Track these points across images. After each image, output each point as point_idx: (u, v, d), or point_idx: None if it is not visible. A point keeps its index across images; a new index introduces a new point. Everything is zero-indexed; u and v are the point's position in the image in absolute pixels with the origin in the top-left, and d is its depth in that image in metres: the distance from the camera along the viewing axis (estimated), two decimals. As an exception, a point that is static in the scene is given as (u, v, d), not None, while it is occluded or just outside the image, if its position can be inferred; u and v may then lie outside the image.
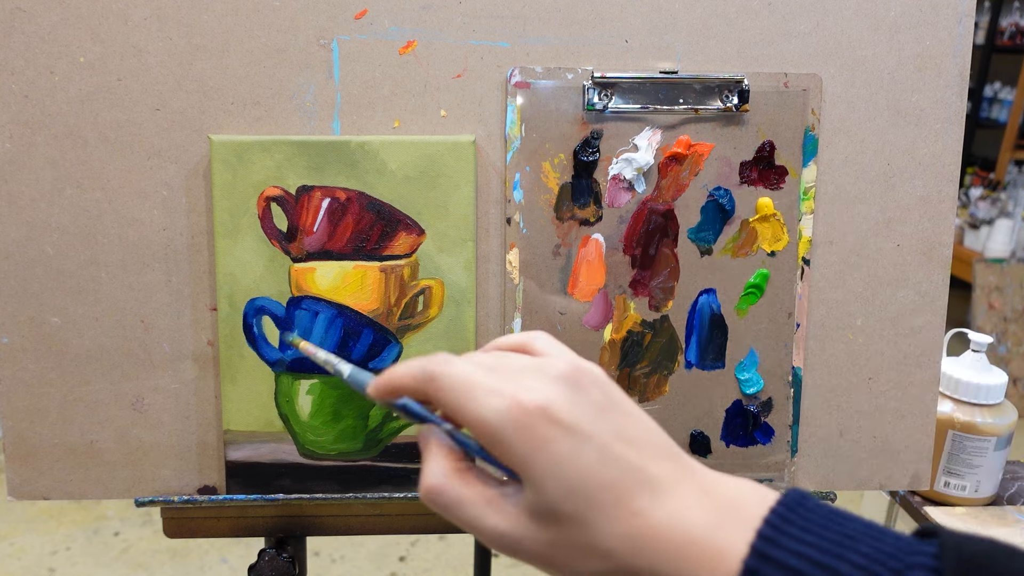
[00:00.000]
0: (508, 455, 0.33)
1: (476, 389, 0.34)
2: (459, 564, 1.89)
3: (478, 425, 0.34)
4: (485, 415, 0.33)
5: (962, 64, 0.60)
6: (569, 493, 0.33)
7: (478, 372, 0.35)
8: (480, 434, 0.34)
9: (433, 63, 0.57)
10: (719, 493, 0.33)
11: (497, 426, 0.33)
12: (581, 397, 0.34)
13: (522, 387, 0.34)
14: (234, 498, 0.61)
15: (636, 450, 0.34)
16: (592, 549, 0.33)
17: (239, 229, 0.58)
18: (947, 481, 0.77)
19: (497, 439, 0.33)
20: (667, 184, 0.60)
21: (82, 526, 1.99)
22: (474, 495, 0.35)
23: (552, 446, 0.33)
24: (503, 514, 0.34)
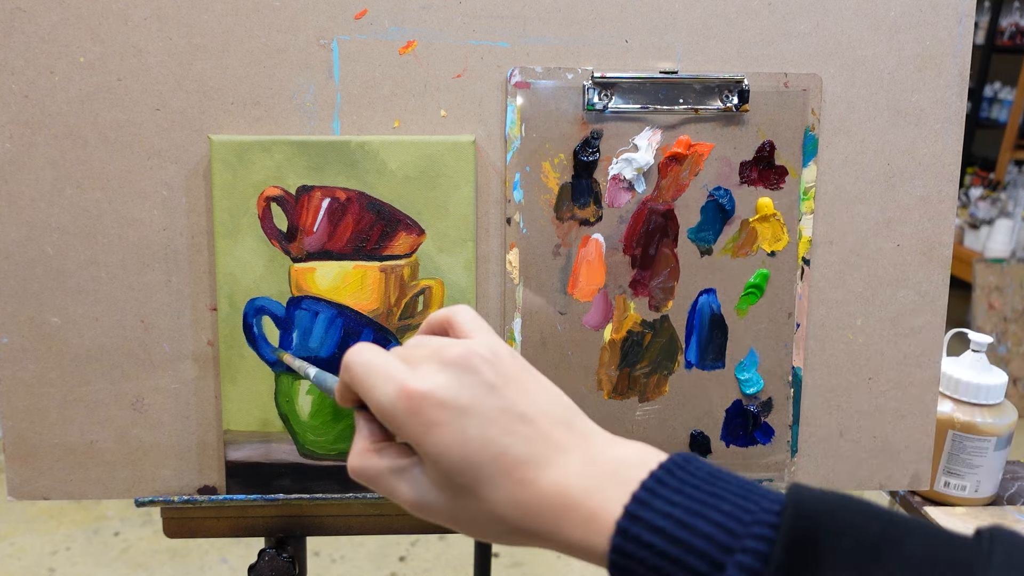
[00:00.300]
0: (403, 435, 0.38)
1: (375, 377, 0.38)
2: (459, 564, 1.89)
3: (378, 411, 0.38)
4: (380, 400, 0.38)
5: (962, 64, 0.60)
6: (458, 467, 0.36)
7: (379, 360, 0.39)
8: (381, 418, 0.38)
9: (433, 63, 0.57)
10: (605, 459, 0.36)
11: (391, 412, 0.37)
12: (469, 378, 0.37)
13: (414, 375, 0.38)
14: (234, 498, 0.61)
15: (524, 423, 0.37)
16: (487, 515, 0.36)
17: (239, 229, 0.58)
18: (947, 481, 0.77)
19: (394, 423, 0.38)
20: (667, 184, 0.60)
21: (82, 526, 1.99)
22: (387, 469, 0.39)
23: (439, 427, 0.36)
24: (412, 484, 0.38)
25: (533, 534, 0.36)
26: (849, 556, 0.30)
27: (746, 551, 0.30)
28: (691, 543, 0.31)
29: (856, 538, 0.30)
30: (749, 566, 0.30)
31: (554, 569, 1.89)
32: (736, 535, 0.31)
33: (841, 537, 0.30)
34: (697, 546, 0.31)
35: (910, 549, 0.30)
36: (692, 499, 0.33)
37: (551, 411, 0.38)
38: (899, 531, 0.30)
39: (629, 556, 0.32)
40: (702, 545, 0.31)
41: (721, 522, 0.31)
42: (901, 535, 0.30)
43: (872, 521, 0.31)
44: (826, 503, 0.31)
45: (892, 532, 0.30)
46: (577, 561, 1.89)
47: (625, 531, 0.33)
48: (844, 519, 0.31)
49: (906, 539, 0.30)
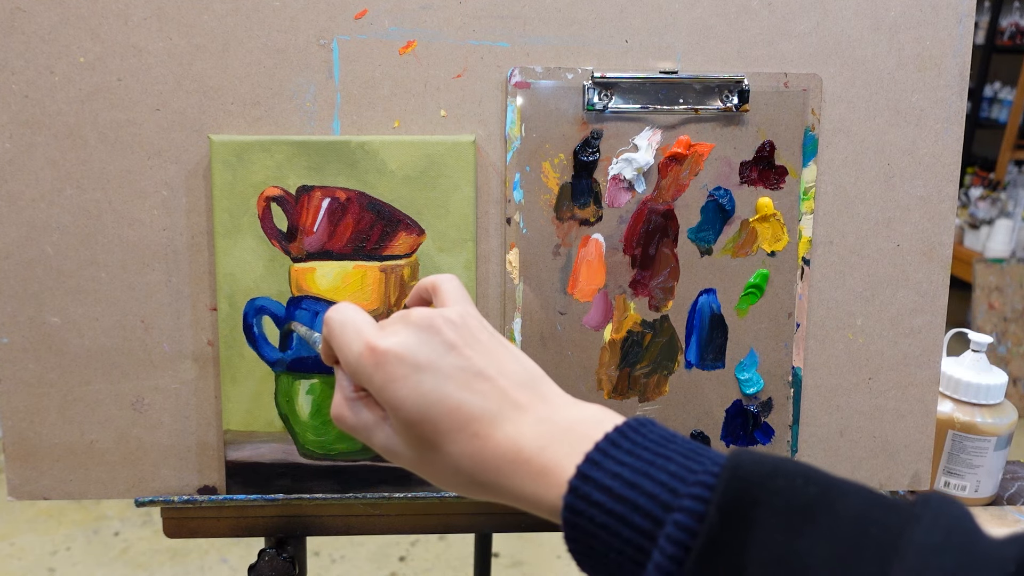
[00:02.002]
0: (369, 388, 0.40)
1: (347, 332, 0.41)
2: (459, 564, 1.89)
3: (346, 367, 0.41)
4: (347, 355, 0.41)
5: (962, 64, 0.60)
6: (416, 419, 0.38)
7: (353, 317, 0.42)
8: (350, 373, 0.41)
9: (433, 63, 0.57)
10: (561, 418, 0.38)
11: (357, 368, 0.40)
12: (429, 337, 0.40)
13: (380, 333, 0.40)
14: (234, 498, 0.61)
15: (481, 380, 0.39)
16: (445, 465, 0.38)
17: (239, 229, 0.58)
18: (947, 481, 0.77)
19: (360, 378, 0.41)
20: (667, 184, 0.60)
21: (82, 526, 1.99)
22: (365, 419, 0.42)
23: (397, 381, 0.39)
24: (384, 433, 0.41)
25: (488, 487, 0.37)
26: (782, 517, 0.30)
27: (683, 510, 0.31)
28: (636, 501, 0.32)
29: (791, 500, 0.30)
30: (685, 524, 0.31)
31: (554, 569, 1.89)
32: (677, 494, 0.32)
33: (775, 497, 0.31)
34: (641, 504, 0.32)
35: (844, 511, 0.30)
36: (641, 459, 0.34)
37: (512, 372, 0.39)
38: (835, 494, 0.31)
39: (580, 513, 0.33)
40: (646, 503, 0.32)
41: (665, 481, 0.32)
42: (837, 497, 0.31)
43: (810, 485, 0.31)
44: (765, 465, 0.32)
45: (829, 495, 0.31)
46: (577, 561, 1.89)
47: (576, 489, 0.34)
48: (781, 481, 0.31)
49: (842, 501, 0.31)
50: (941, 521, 0.29)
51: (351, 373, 0.41)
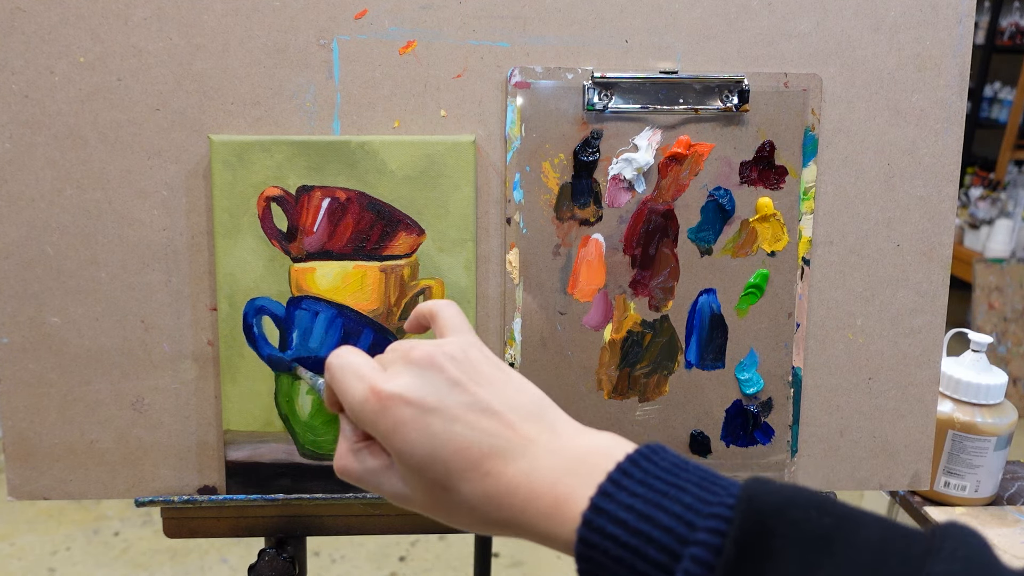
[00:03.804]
0: (374, 434, 0.39)
1: (349, 378, 0.40)
2: (459, 564, 1.89)
3: (350, 412, 0.40)
4: (351, 404, 0.40)
5: (962, 64, 0.60)
6: (426, 462, 0.37)
7: (354, 361, 0.41)
8: (353, 419, 0.40)
9: (433, 63, 0.57)
10: (571, 449, 0.37)
11: (361, 413, 0.39)
12: (433, 376, 0.38)
13: (383, 376, 0.39)
14: (234, 498, 0.61)
15: (490, 417, 0.38)
16: (459, 506, 0.37)
17: (239, 229, 0.58)
18: (947, 481, 0.77)
19: (364, 423, 0.39)
20: (667, 184, 0.60)
21: (82, 526, 1.99)
22: (371, 467, 0.41)
23: (405, 425, 0.38)
24: (393, 479, 0.40)
25: (503, 524, 0.37)
26: (800, 549, 0.30)
27: (699, 544, 0.31)
28: (651, 535, 0.32)
29: (808, 531, 0.30)
30: (702, 559, 0.30)
31: (554, 569, 1.89)
32: (693, 527, 0.31)
33: (793, 529, 0.30)
34: (656, 537, 0.32)
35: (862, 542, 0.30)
36: (654, 490, 0.33)
37: (518, 404, 0.39)
38: (853, 524, 0.31)
39: (594, 547, 0.33)
40: (661, 537, 0.32)
41: (680, 514, 0.32)
42: (854, 528, 0.30)
43: (826, 515, 0.31)
44: (780, 496, 0.31)
45: (845, 526, 0.30)
46: (577, 561, 1.89)
47: (590, 523, 0.33)
48: (797, 512, 0.31)
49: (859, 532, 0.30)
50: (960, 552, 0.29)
51: (355, 419, 0.40)
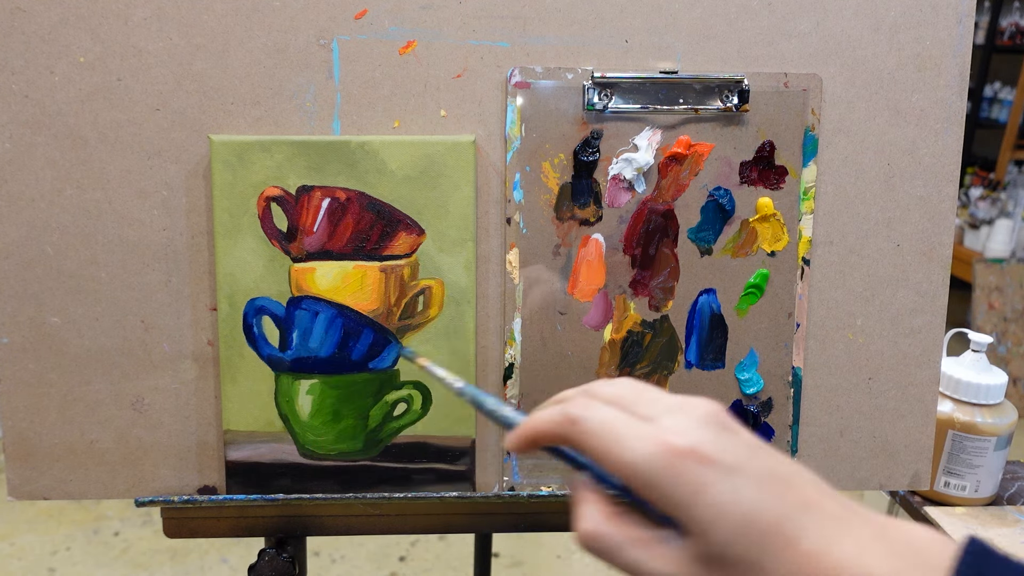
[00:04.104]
0: (664, 501, 0.32)
1: (622, 434, 0.33)
2: (459, 564, 1.88)
3: (628, 471, 0.33)
4: (635, 461, 0.33)
5: (962, 64, 0.60)
6: (735, 536, 0.31)
7: (621, 415, 0.34)
8: (631, 480, 0.33)
9: (433, 63, 0.57)
10: (895, 536, 0.32)
11: (649, 472, 0.32)
12: (730, 436, 0.33)
13: (668, 430, 0.33)
14: (234, 498, 0.61)
15: (795, 489, 0.32)
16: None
17: (239, 229, 0.58)
18: (947, 481, 0.77)
19: (650, 485, 0.32)
20: (667, 184, 0.60)
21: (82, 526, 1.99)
22: (633, 539, 0.34)
23: (710, 489, 0.32)
24: (665, 559, 0.33)
25: None
26: None
27: None
28: None
29: None
30: None
31: (554, 569, 1.89)
32: None
33: None
34: None
35: None
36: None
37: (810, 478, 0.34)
38: None
39: None
40: None
41: None
42: None
43: None
44: None
45: None
46: (577, 562, 1.89)
47: None
48: None
49: None
50: None
51: (632, 479, 0.33)
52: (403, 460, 0.62)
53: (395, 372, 0.60)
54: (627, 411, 0.35)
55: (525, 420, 0.38)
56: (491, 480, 0.63)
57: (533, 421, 0.37)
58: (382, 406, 0.60)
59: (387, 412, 0.61)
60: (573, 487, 0.37)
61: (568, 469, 0.39)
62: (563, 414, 0.35)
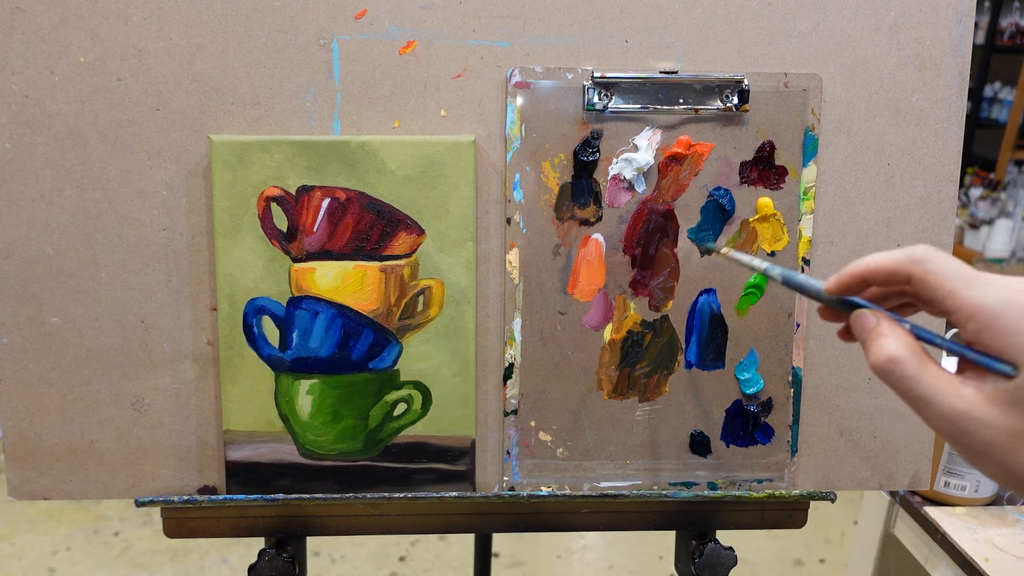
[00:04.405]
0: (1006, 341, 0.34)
1: (974, 278, 0.35)
2: (459, 564, 1.89)
3: (974, 309, 0.34)
4: (984, 301, 0.34)
5: (962, 64, 0.60)
6: None
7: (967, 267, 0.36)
8: (975, 320, 0.34)
9: (433, 63, 0.57)
10: None
11: (998, 310, 0.34)
12: None
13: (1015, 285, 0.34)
14: (234, 498, 0.61)
15: None
16: None
17: (239, 229, 0.58)
18: (947, 481, 0.77)
19: (995, 327, 0.34)
20: (667, 184, 0.60)
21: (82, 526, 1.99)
22: (933, 373, 0.36)
23: None
24: (961, 397, 0.35)
25: None
26: None
27: None
28: None
29: None
30: None
31: (554, 569, 1.89)
32: None
33: None
34: None
35: None
36: None
37: None
38: None
39: None
40: None
41: None
42: None
43: None
44: None
45: None
46: (577, 561, 1.89)
47: None
48: None
49: None
50: None
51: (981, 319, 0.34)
52: (403, 460, 0.62)
53: (395, 372, 0.60)
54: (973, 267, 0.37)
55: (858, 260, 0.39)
56: (491, 480, 0.63)
57: (869, 258, 0.39)
58: (382, 406, 0.60)
59: (387, 412, 0.61)
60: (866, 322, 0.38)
61: None
62: (907, 254, 0.37)
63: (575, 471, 0.63)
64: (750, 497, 0.64)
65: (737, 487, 0.64)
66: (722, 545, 0.66)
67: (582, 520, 0.66)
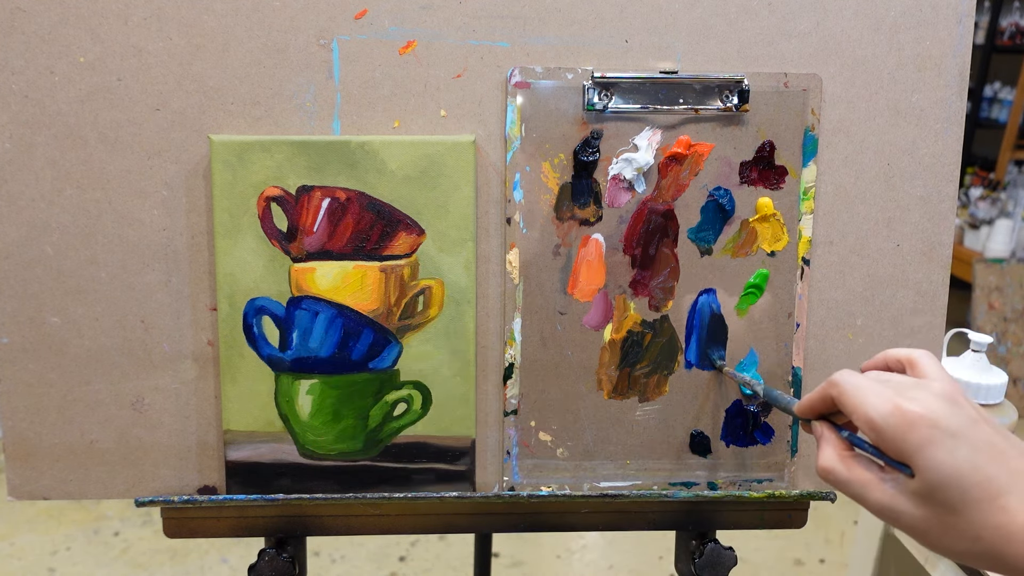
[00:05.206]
0: (896, 449, 0.41)
1: (866, 395, 0.42)
2: (459, 564, 1.89)
3: (872, 424, 0.41)
4: (872, 414, 0.41)
5: (962, 64, 0.60)
6: (944, 486, 0.39)
7: (871, 382, 0.43)
8: (873, 432, 0.42)
9: (433, 63, 0.57)
10: None
11: (881, 424, 0.41)
12: (957, 410, 0.41)
13: (906, 397, 0.41)
14: (234, 498, 0.61)
15: (1004, 459, 0.40)
16: (962, 533, 0.39)
17: (239, 229, 0.58)
18: (947, 481, 0.77)
19: (885, 435, 0.41)
20: (667, 184, 0.60)
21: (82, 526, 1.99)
22: (858, 475, 0.43)
23: (932, 445, 0.40)
24: (881, 492, 0.42)
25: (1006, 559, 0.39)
26: None
27: None
28: None
29: None
30: None
31: (554, 569, 1.89)
32: None
33: None
34: None
35: None
36: None
37: (1017, 449, 0.41)
38: None
39: None
40: None
41: None
42: None
43: None
44: None
45: None
46: (577, 562, 1.89)
47: None
48: None
49: None
50: None
51: (872, 430, 0.41)
52: (403, 460, 0.62)
53: (395, 372, 0.60)
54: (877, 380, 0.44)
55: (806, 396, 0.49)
56: (491, 480, 0.63)
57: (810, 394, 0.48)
58: (382, 406, 0.60)
59: (387, 412, 0.61)
60: (817, 432, 0.47)
61: None
62: (828, 380, 0.45)
63: (575, 471, 0.63)
64: (750, 497, 0.64)
65: (737, 487, 0.64)
66: (722, 545, 0.66)
67: (582, 520, 0.66)
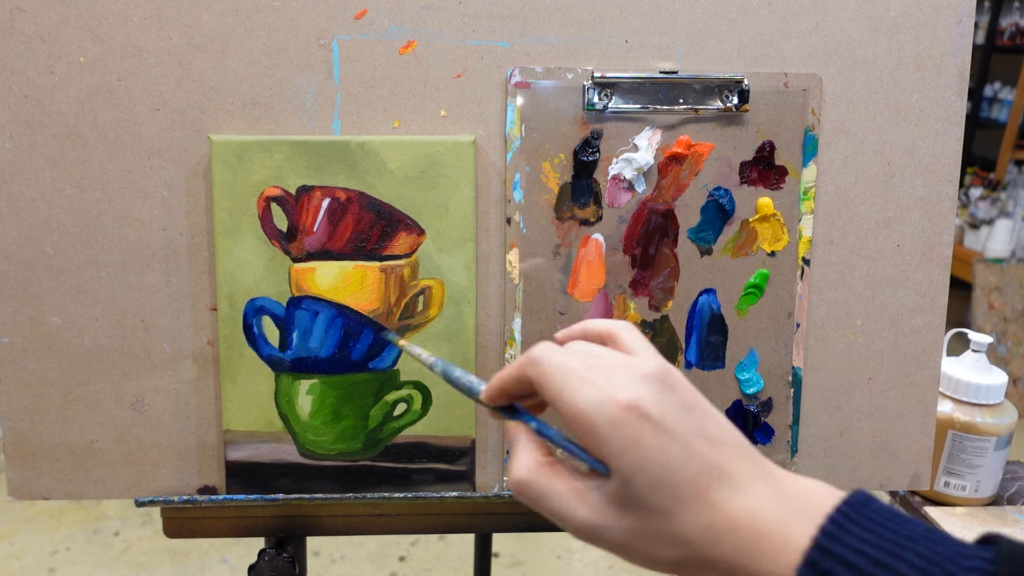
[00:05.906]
0: (599, 447, 0.35)
1: (572, 379, 0.36)
2: (459, 564, 1.89)
3: (574, 415, 0.36)
4: (581, 406, 0.35)
5: (962, 64, 0.60)
6: (655, 486, 0.35)
7: (574, 363, 0.37)
8: (574, 423, 0.36)
9: (433, 63, 0.57)
10: (790, 490, 0.36)
11: (592, 419, 0.35)
12: (668, 396, 0.36)
13: (615, 383, 0.36)
14: (234, 498, 0.61)
15: (716, 448, 0.36)
16: (672, 538, 0.35)
17: (239, 229, 0.58)
18: (947, 481, 0.77)
19: (591, 432, 0.35)
20: (667, 184, 0.60)
21: (82, 526, 1.99)
22: (560, 487, 0.37)
23: (642, 442, 0.35)
24: (587, 505, 0.36)
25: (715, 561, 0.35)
26: None
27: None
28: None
29: None
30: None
31: (554, 569, 1.89)
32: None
33: None
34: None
35: None
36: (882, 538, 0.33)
37: (734, 439, 0.37)
38: None
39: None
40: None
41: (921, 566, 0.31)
42: None
43: None
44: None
45: None
46: (577, 562, 1.89)
47: (815, 564, 0.32)
48: None
49: None
50: None
51: (575, 424, 0.36)
52: (403, 460, 0.62)
53: (395, 372, 0.60)
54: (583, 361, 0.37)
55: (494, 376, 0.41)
56: (491, 480, 0.63)
57: (502, 370, 0.40)
58: (382, 406, 0.60)
59: (387, 412, 0.61)
60: (511, 435, 0.40)
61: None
62: (526, 356, 0.38)
63: (575, 471, 0.63)
64: (750, 497, 0.64)
65: (737, 487, 0.64)
66: (722, 545, 0.66)
67: (582, 520, 0.66)
